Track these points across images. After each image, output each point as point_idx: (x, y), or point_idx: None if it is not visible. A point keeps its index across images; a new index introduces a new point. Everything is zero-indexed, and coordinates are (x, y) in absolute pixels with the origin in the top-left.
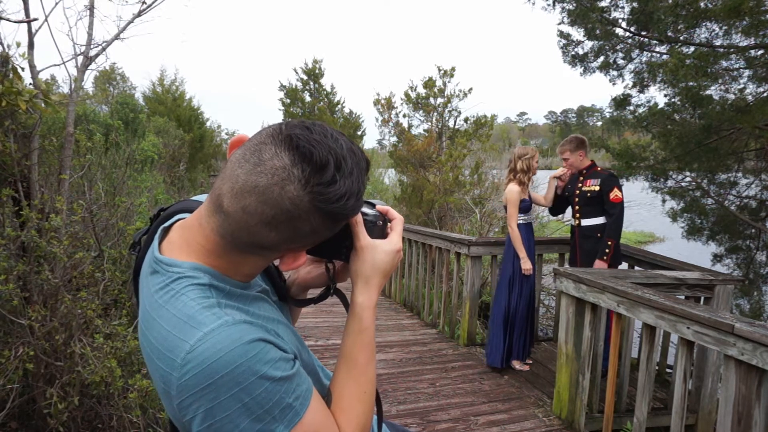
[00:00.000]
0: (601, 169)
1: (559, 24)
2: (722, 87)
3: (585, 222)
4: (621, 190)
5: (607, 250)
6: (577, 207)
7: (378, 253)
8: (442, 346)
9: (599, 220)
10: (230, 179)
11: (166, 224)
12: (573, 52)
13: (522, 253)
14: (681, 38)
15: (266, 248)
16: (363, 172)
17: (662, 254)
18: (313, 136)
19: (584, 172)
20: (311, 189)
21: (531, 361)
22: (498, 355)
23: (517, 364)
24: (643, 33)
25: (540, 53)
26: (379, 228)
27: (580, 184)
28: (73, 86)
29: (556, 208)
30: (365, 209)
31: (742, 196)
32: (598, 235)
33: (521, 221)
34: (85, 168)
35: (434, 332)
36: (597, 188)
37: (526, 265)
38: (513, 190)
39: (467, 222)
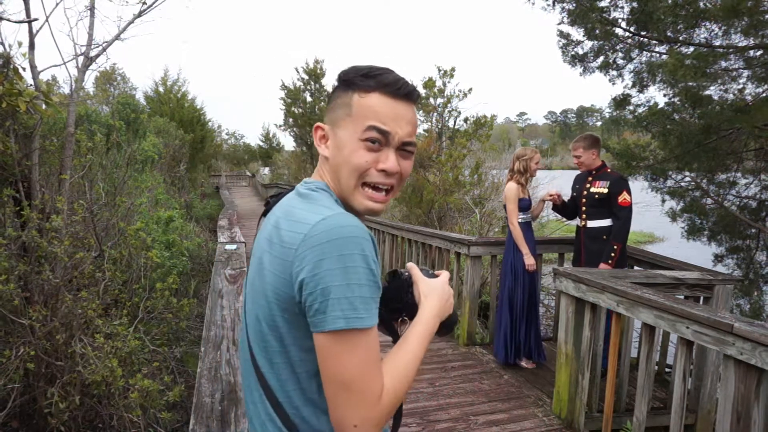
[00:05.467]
0: (611, 171)
1: (559, 24)
2: (722, 87)
3: (591, 223)
4: (630, 194)
5: (612, 254)
6: (583, 208)
7: (432, 283)
8: (441, 345)
9: (606, 222)
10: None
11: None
12: (573, 52)
13: (524, 248)
14: (680, 38)
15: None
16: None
17: (662, 254)
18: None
19: (593, 172)
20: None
21: (544, 359)
22: (502, 351)
23: (523, 362)
24: (643, 33)
25: (540, 53)
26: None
27: (588, 185)
28: (73, 86)
29: (571, 212)
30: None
31: (742, 196)
32: (604, 237)
33: (521, 220)
34: (86, 168)
35: None
36: (605, 190)
37: (528, 260)
38: (511, 188)
39: (467, 222)
